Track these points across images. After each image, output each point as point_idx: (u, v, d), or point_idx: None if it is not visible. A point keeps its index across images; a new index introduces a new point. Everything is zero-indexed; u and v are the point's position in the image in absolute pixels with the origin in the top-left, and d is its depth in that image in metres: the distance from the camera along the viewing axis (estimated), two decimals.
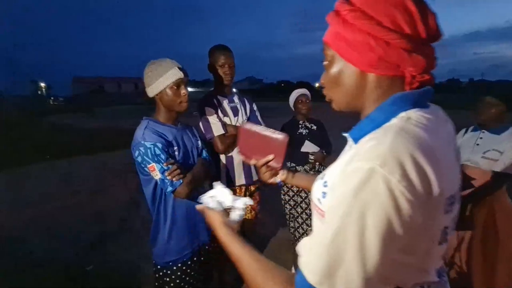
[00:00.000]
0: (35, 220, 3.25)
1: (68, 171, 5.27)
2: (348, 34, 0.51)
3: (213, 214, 0.70)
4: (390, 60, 0.49)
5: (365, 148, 0.45)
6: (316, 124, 2.37)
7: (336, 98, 0.58)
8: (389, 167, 0.40)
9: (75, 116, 16.65)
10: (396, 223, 0.40)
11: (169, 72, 1.19)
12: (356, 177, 0.42)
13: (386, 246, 0.40)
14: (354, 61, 0.52)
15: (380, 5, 0.48)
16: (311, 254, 0.46)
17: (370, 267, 0.40)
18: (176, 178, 1.16)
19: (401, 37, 0.47)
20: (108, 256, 2.53)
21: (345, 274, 0.41)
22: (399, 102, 0.50)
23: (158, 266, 1.29)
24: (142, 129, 1.20)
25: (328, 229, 0.43)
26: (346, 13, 0.51)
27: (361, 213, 0.40)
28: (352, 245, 0.41)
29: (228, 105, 1.73)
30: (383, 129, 0.48)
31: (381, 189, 0.40)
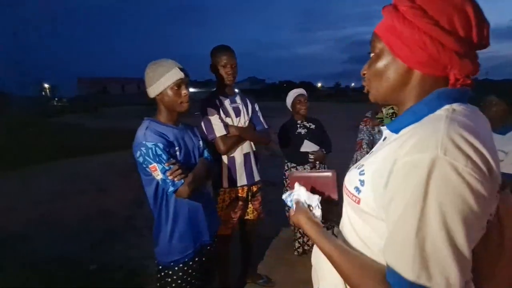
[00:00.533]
0: (41, 219, 3.29)
1: (73, 171, 5.32)
2: (404, 30, 0.51)
3: (299, 210, 0.73)
4: (440, 61, 0.50)
5: (418, 139, 0.46)
6: (314, 123, 2.37)
7: (376, 90, 0.59)
8: (452, 153, 0.42)
9: (80, 116, 16.79)
10: (473, 204, 0.42)
11: (169, 72, 1.20)
12: (421, 169, 0.43)
13: (469, 227, 0.42)
14: (404, 57, 0.53)
15: (440, 5, 0.49)
16: (397, 252, 0.46)
17: (461, 250, 0.42)
18: (177, 178, 1.16)
19: (455, 40, 0.48)
20: (113, 254, 2.55)
21: (438, 262, 0.42)
22: (444, 96, 0.52)
23: (161, 266, 1.30)
24: (143, 130, 1.21)
25: (407, 225, 0.44)
26: (406, 9, 0.51)
27: (439, 203, 0.42)
28: (438, 234, 0.42)
29: (230, 105, 1.74)
30: (431, 119, 0.50)
31: (451, 176, 0.42)
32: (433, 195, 0.42)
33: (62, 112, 19.97)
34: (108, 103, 26.43)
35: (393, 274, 0.47)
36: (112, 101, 29.70)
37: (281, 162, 2.51)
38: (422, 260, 0.43)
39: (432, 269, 0.43)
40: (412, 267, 0.44)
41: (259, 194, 1.92)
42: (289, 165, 2.36)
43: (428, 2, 0.49)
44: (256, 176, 1.84)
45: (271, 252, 2.56)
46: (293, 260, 2.40)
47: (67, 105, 28.54)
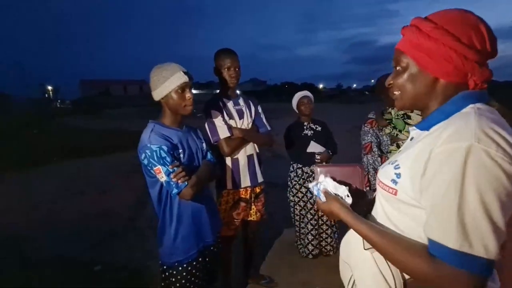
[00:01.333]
0: (42, 220, 3.32)
1: (75, 172, 5.36)
2: (431, 46, 0.60)
3: (331, 198, 0.78)
4: (464, 70, 0.60)
5: (452, 130, 0.55)
6: (320, 125, 2.40)
7: (403, 98, 0.68)
8: (484, 142, 0.51)
9: (82, 118, 16.89)
10: (505, 182, 0.50)
11: (173, 76, 1.22)
12: (459, 155, 0.51)
13: (503, 202, 0.50)
14: (431, 69, 0.62)
15: (460, 26, 0.59)
16: (441, 227, 0.54)
17: (496, 222, 0.50)
18: (181, 180, 1.18)
19: (475, 53, 0.58)
20: (115, 255, 2.56)
21: (478, 232, 0.50)
22: (468, 97, 0.61)
23: (165, 266, 1.32)
24: (148, 132, 1.23)
25: (449, 204, 0.52)
26: (430, 29, 0.61)
27: (476, 183, 0.50)
28: (477, 209, 0.50)
29: (234, 107, 1.75)
30: (461, 115, 0.58)
31: (486, 160, 0.50)
32: (471, 176, 0.50)
33: (64, 113, 20.09)
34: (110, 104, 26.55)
35: (437, 246, 0.54)
36: (114, 102, 29.85)
37: (284, 163, 2.52)
38: (464, 231, 0.51)
39: (472, 239, 0.50)
40: (456, 238, 0.51)
41: (262, 196, 1.93)
42: (295, 166, 2.37)
43: (449, 23, 0.59)
44: (260, 178, 1.85)
45: (273, 253, 2.56)
46: (295, 261, 2.41)
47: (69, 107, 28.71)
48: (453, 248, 0.51)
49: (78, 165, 5.89)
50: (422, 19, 0.63)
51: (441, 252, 0.53)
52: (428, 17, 0.63)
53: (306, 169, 2.31)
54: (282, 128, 2.58)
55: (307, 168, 2.31)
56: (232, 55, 1.68)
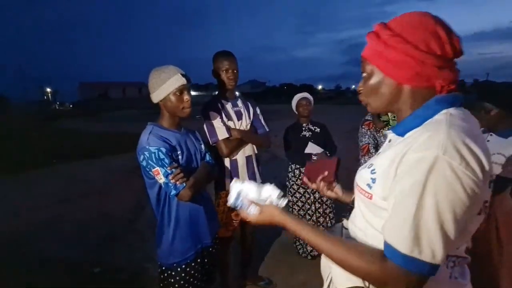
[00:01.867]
0: (44, 222, 3.31)
1: (75, 174, 5.35)
2: (389, 54, 0.61)
3: (267, 208, 0.76)
4: (424, 75, 0.60)
5: (423, 139, 0.56)
6: (319, 127, 2.41)
7: (373, 103, 0.70)
8: (450, 153, 0.51)
9: (82, 120, 16.88)
10: (463, 197, 0.51)
11: (172, 78, 1.23)
12: (424, 164, 0.52)
13: (458, 215, 0.52)
14: (393, 76, 0.63)
15: (416, 32, 0.59)
16: (396, 231, 0.56)
17: (448, 232, 0.52)
18: (179, 181, 1.19)
19: (433, 58, 0.59)
20: (115, 257, 2.57)
21: (428, 239, 0.52)
22: (441, 102, 0.62)
23: (163, 267, 1.32)
24: (147, 134, 1.24)
25: (407, 208, 0.54)
26: (387, 37, 0.61)
27: (434, 193, 0.52)
28: (431, 217, 0.52)
29: (232, 109, 1.76)
30: (433, 123, 0.59)
31: (447, 172, 0.51)
32: (431, 186, 0.52)
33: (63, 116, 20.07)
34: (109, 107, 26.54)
35: (390, 249, 0.56)
36: (113, 105, 29.84)
37: (282, 164, 2.53)
38: (416, 237, 0.53)
39: (423, 245, 0.53)
40: (408, 243, 0.53)
41: None
42: (293, 167, 2.39)
43: (406, 30, 0.60)
44: (258, 179, 1.86)
45: (272, 254, 2.57)
46: (294, 262, 2.41)
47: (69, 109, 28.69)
48: (404, 252, 0.53)
49: (77, 167, 5.89)
50: (383, 26, 0.64)
51: (393, 255, 0.55)
52: (388, 23, 0.64)
53: (303, 169, 2.32)
54: (281, 129, 2.59)
55: None
56: (230, 57, 1.70)
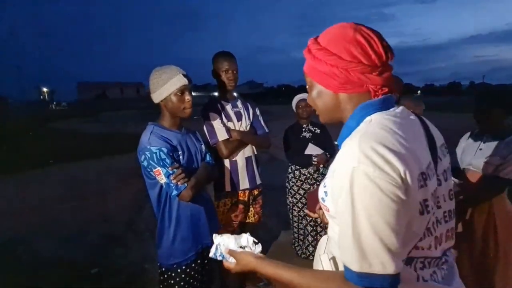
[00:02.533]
0: (41, 223, 3.29)
1: (73, 175, 5.32)
2: (319, 66, 0.65)
3: (243, 255, 0.77)
4: (353, 82, 0.62)
5: (343, 152, 0.58)
6: (319, 128, 2.42)
7: (320, 113, 0.73)
8: (363, 163, 0.52)
9: (79, 120, 16.79)
10: (388, 202, 0.51)
11: (173, 79, 1.23)
12: (346, 178, 0.54)
13: (391, 220, 0.51)
14: (327, 86, 0.66)
15: (339, 43, 0.62)
16: (345, 250, 0.56)
17: (388, 239, 0.52)
18: (181, 182, 1.19)
19: (358, 65, 0.61)
20: (113, 258, 2.55)
21: (373, 252, 0.52)
22: (365, 109, 0.64)
23: (163, 268, 1.32)
24: (148, 134, 1.24)
25: (346, 227, 0.55)
26: (315, 51, 0.65)
27: (362, 206, 0.52)
28: (367, 230, 0.52)
29: (232, 110, 1.77)
30: (353, 134, 0.61)
31: (366, 182, 0.52)
32: (357, 199, 0.52)
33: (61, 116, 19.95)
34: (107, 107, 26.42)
35: (346, 269, 0.56)
36: (111, 105, 29.72)
37: (281, 166, 2.54)
38: (361, 253, 0.52)
39: (370, 259, 0.52)
40: (356, 260, 0.53)
41: (260, 198, 1.94)
42: (293, 167, 2.39)
43: (329, 43, 0.63)
44: (258, 180, 1.86)
45: (271, 255, 2.50)
46: (293, 263, 2.38)
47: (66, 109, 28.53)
48: (356, 271, 0.53)
49: (75, 168, 5.86)
50: (313, 41, 0.67)
51: (349, 275, 0.55)
52: (318, 38, 0.68)
53: (304, 171, 2.33)
54: (279, 130, 2.60)
55: (305, 170, 2.33)
56: (230, 58, 1.70)
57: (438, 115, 11.08)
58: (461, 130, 1.78)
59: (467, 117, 1.78)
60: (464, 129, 1.75)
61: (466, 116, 3.53)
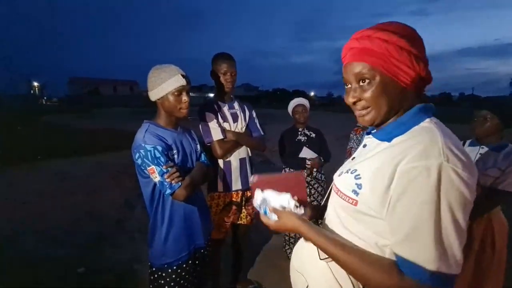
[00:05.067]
0: (28, 220, 3.20)
1: (63, 172, 5.21)
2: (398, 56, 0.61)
3: (287, 215, 0.74)
4: (423, 78, 0.64)
5: (421, 149, 0.56)
6: (315, 132, 2.45)
7: (377, 113, 0.66)
8: (452, 161, 0.53)
9: (70, 116, 16.49)
10: (469, 197, 0.54)
11: (172, 78, 1.23)
12: (431, 175, 0.53)
13: (466, 214, 0.54)
14: (402, 78, 0.63)
15: (414, 37, 0.63)
16: (417, 247, 0.54)
17: (463, 234, 0.54)
18: (175, 181, 1.18)
19: (426, 62, 0.63)
20: (102, 257, 2.51)
21: (451, 251, 0.53)
22: (424, 111, 0.65)
23: (154, 268, 1.31)
24: (143, 132, 1.23)
25: (425, 222, 0.53)
26: (396, 39, 0.61)
27: (448, 201, 0.53)
28: (451, 227, 0.53)
29: (228, 111, 1.78)
30: (423, 130, 0.61)
31: (455, 178, 0.53)
32: (444, 196, 0.52)
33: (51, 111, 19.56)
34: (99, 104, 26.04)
35: (410, 265, 0.55)
36: (104, 102, 29.33)
37: (274, 169, 2.55)
38: (442, 252, 0.53)
39: (449, 259, 0.53)
40: (434, 259, 0.53)
41: None
42: (287, 170, 2.41)
43: (405, 35, 0.62)
44: (250, 182, 1.87)
45: (262, 258, 2.57)
46: (284, 266, 2.42)
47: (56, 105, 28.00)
48: (430, 269, 0.52)
49: (65, 165, 5.73)
50: (380, 30, 0.63)
51: (415, 272, 0.54)
52: (382, 27, 0.64)
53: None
54: (273, 133, 2.62)
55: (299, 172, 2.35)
56: (229, 60, 1.72)
57: None
58: None
59: (458, 127, 1.82)
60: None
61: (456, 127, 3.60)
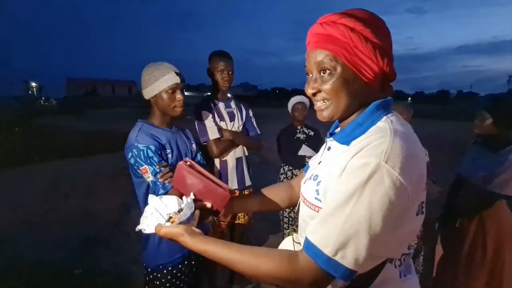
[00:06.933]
0: (25, 223, 3.17)
1: (59, 173, 5.17)
2: (362, 48, 0.56)
3: (171, 231, 0.64)
4: (387, 73, 0.60)
5: (369, 147, 0.54)
6: (313, 130, 2.46)
7: (336, 107, 0.61)
8: (392, 162, 0.51)
9: (68, 117, 16.41)
10: (396, 207, 0.51)
11: (165, 76, 1.21)
12: (366, 170, 0.51)
13: (388, 224, 0.51)
14: (364, 72, 0.58)
15: (380, 27, 0.59)
16: (323, 232, 0.54)
17: (376, 241, 0.51)
18: (168, 180, 1.16)
19: (391, 54, 0.59)
20: (98, 259, 2.49)
21: (355, 246, 0.51)
22: (380, 108, 0.61)
23: (149, 269, 1.29)
24: (136, 131, 1.21)
25: (340, 212, 0.52)
26: (361, 28, 0.56)
27: (369, 200, 0.50)
28: (362, 224, 0.50)
29: (225, 109, 1.76)
30: (378, 131, 0.57)
31: (385, 180, 0.50)
32: (367, 193, 0.51)
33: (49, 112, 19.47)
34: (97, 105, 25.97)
35: (313, 248, 0.54)
36: (102, 103, 29.24)
37: (272, 169, 2.53)
38: (343, 241, 0.51)
39: (348, 250, 0.51)
40: (333, 245, 0.52)
41: None
42: (286, 168, 2.41)
43: (370, 24, 0.57)
44: (247, 181, 1.85)
45: None
46: None
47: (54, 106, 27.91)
48: (327, 254, 0.52)
49: (61, 166, 5.69)
50: (347, 16, 0.57)
51: (314, 252, 0.53)
52: (350, 12, 0.58)
53: (296, 171, 2.35)
54: (271, 132, 2.60)
55: (297, 171, 2.35)
56: (226, 58, 1.70)
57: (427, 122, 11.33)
58: (448, 136, 1.83)
59: (455, 124, 1.83)
60: (452, 136, 1.80)
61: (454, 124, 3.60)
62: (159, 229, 0.65)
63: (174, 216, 0.68)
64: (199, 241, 0.63)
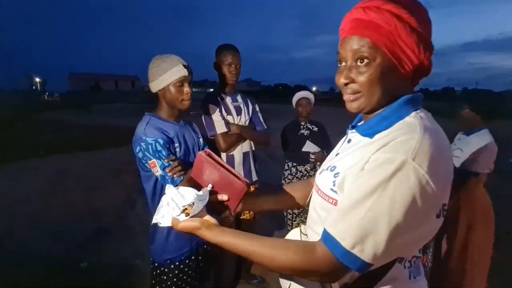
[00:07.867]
0: (29, 216, 3.19)
1: (63, 168, 5.19)
2: (406, 38, 0.53)
3: (188, 225, 0.65)
4: (424, 66, 0.57)
5: (396, 141, 0.52)
6: (317, 126, 2.43)
7: (370, 98, 0.58)
8: (419, 160, 0.49)
9: (71, 112, 16.47)
10: (419, 205, 0.49)
11: (173, 69, 1.19)
12: (391, 166, 0.50)
13: (409, 222, 0.50)
14: (404, 64, 0.55)
15: (424, 17, 0.55)
16: (343, 225, 0.53)
17: (394, 238, 0.50)
18: (177, 175, 1.15)
19: (432, 45, 0.56)
20: (103, 253, 2.50)
21: (374, 241, 0.50)
22: (410, 103, 0.58)
23: (156, 264, 1.28)
24: (144, 125, 1.19)
25: (361, 206, 0.51)
26: (407, 16, 0.53)
27: (392, 196, 0.49)
28: (382, 219, 0.49)
29: (232, 104, 1.74)
30: (406, 126, 0.55)
31: (411, 178, 0.49)
32: (391, 189, 0.49)
33: (52, 107, 19.56)
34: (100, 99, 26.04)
35: (331, 240, 0.53)
36: (105, 97, 29.31)
37: (278, 164, 2.52)
38: (362, 235, 0.50)
39: (366, 245, 0.50)
40: (352, 238, 0.51)
41: None
42: (290, 164, 2.39)
43: (419, 13, 0.54)
44: (254, 176, 1.84)
45: None
46: None
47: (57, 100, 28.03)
48: (345, 247, 0.51)
49: (66, 161, 5.72)
50: (392, 1, 0.53)
51: (334, 247, 0.53)
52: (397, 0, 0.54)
53: (301, 167, 2.33)
54: (275, 128, 2.58)
55: (302, 167, 2.33)
56: (234, 51, 1.67)
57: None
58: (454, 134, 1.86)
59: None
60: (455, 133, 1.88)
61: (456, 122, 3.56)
62: (176, 223, 0.66)
63: (189, 208, 0.67)
64: (218, 233, 0.64)
